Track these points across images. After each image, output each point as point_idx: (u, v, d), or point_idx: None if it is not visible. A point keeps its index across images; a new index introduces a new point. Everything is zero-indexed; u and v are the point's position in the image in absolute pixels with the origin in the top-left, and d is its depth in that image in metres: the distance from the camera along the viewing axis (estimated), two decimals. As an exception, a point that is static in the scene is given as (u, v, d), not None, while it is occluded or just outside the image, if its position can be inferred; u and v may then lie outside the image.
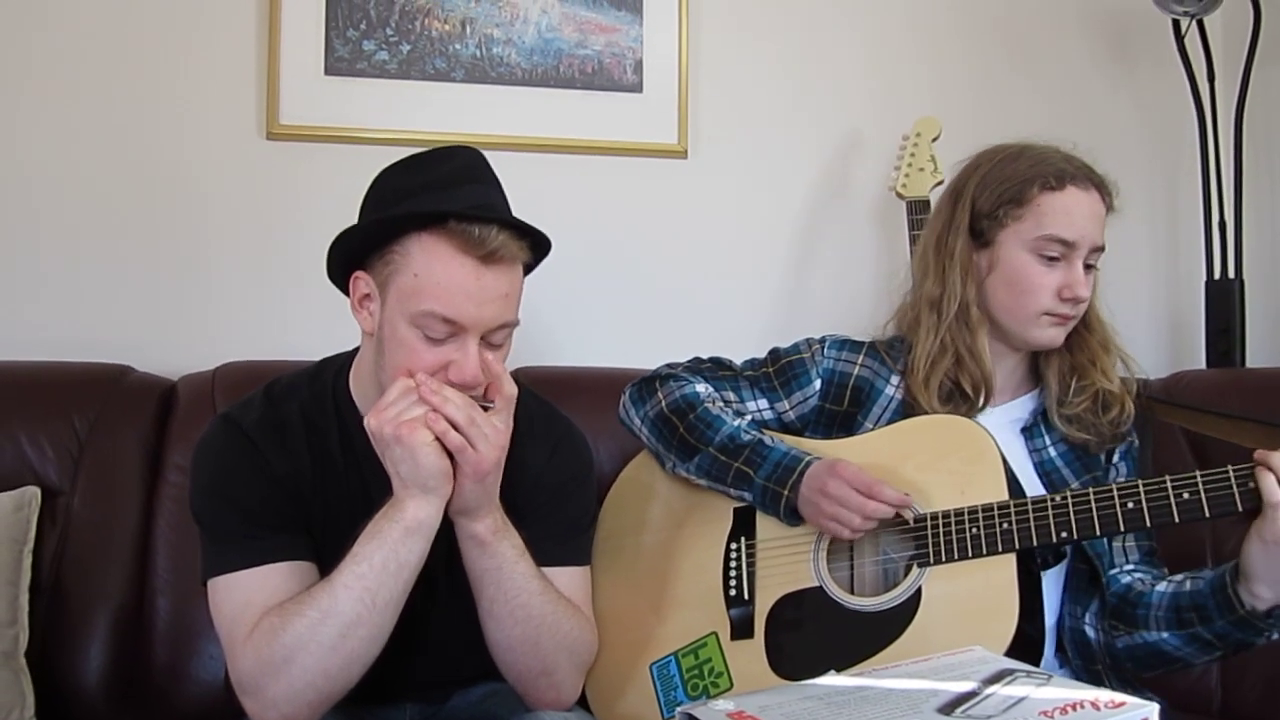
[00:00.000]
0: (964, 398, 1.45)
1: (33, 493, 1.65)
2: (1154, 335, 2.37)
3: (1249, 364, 2.19)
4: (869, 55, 2.29)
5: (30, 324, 1.97)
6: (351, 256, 1.25)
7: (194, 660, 1.65)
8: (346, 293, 1.28)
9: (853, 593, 1.41)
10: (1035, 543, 1.30)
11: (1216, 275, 2.22)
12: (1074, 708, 0.84)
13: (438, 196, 1.19)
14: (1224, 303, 2.19)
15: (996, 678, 0.92)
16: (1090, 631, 1.40)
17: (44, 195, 1.99)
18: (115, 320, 2.00)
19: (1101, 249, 1.44)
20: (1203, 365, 2.22)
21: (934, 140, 2.03)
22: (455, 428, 1.16)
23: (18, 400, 1.73)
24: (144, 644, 1.66)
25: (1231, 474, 1.24)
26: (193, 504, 1.30)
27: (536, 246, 1.25)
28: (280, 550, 1.23)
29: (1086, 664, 1.40)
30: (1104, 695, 0.86)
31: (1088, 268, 1.43)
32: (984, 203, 1.45)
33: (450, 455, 1.17)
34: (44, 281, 1.99)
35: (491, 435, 1.18)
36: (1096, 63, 2.37)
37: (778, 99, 2.25)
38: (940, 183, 1.96)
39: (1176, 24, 2.18)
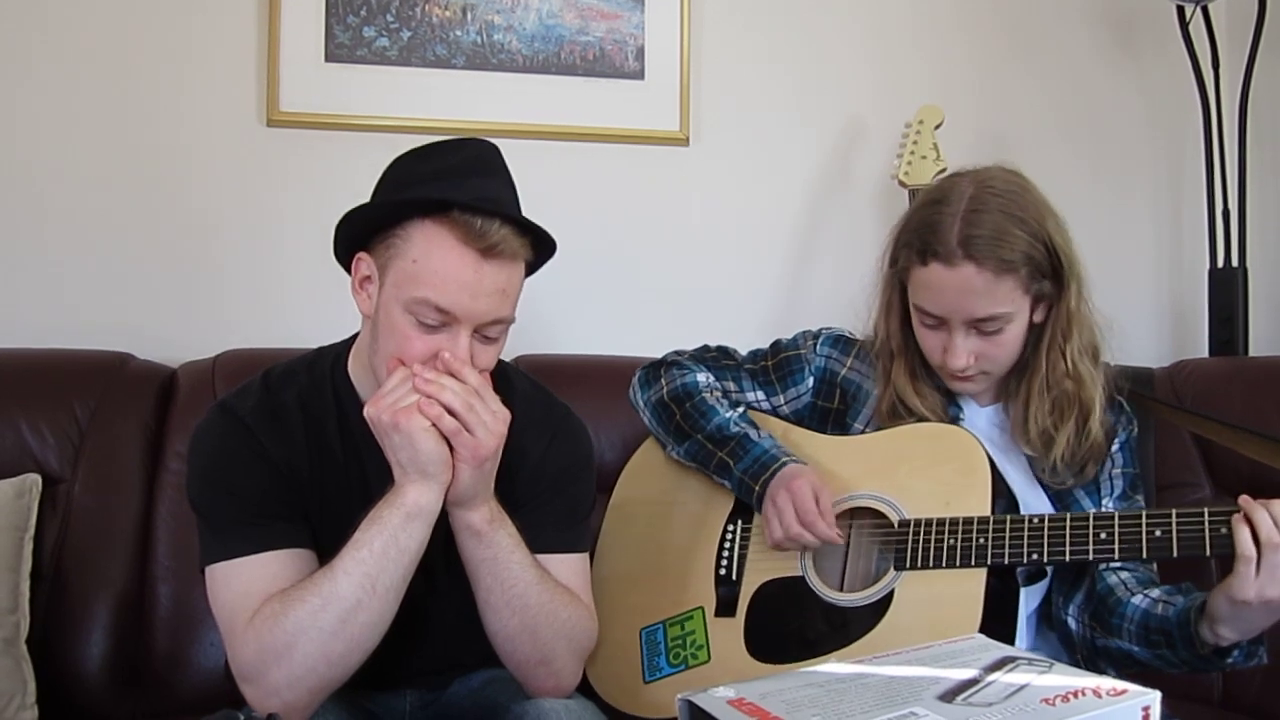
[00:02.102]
0: (910, 413, 1.45)
1: (33, 480, 1.65)
2: (1157, 323, 2.37)
3: (1251, 352, 2.19)
4: (871, 42, 2.28)
5: (31, 311, 1.97)
6: (356, 236, 1.25)
7: (195, 647, 1.66)
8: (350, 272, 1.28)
9: (843, 587, 1.43)
10: (1006, 560, 1.32)
11: (1220, 263, 2.21)
12: (1075, 695, 0.84)
13: (445, 185, 1.19)
14: (1227, 291, 2.19)
15: (998, 665, 0.92)
16: (1072, 624, 1.42)
17: (44, 182, 1.99)
18: (116, 308, 2.00)
19: (993, 318, 1.34)
20: (1205, 354, 2.22)
21: (937, 128, 2.02)
22: (452, 414, 1.16)
23: (19, 388, 1.73)
24: (145, 631, 1.67)
25: (1206, 518, 1.25)
26: (190, 491, 1.30)
27: (540, 245, 1.24)
28: (279, 537, 1.23)
29: (1069, 652, 1.42)
30: (1106, 683, 0.86)
31: (987, 333, 1.36)
32: (892, 252, 1.45)
33: (449, 442, 1.17)
34: (44, 269, 1.99)
35: (490, 422, 1.18)
36: (1100, 49, 2.36)
37: (780, 86, 2.25)
38: (943, 170, 1.95)
39: (1181, 10, 2.17)
